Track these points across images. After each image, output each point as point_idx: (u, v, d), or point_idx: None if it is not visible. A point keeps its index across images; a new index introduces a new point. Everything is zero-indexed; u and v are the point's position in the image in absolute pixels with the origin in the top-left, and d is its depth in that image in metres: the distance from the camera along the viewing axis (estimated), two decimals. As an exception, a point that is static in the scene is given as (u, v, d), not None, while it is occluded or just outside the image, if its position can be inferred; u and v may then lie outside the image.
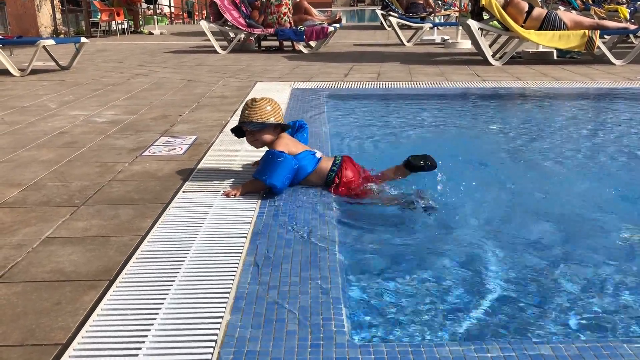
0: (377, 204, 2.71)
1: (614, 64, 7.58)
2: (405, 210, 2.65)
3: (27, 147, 3.63)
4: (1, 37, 8.13)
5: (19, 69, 7.27)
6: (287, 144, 2.73)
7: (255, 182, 2.65)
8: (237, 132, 2.90)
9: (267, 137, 2.76)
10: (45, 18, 14.79)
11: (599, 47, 7.43)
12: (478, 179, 3.22)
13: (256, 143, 2.80)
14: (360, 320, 1.80)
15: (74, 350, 1.49)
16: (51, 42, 7.49)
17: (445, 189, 2.78)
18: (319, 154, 2.80)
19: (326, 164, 2.76)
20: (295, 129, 2.99)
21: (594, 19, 8.70)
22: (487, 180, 3.18)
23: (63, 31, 15.51)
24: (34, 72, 7.38)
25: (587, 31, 7.33)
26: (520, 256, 2.26)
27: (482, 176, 3.27)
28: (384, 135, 4.29)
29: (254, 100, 2.78)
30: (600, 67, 7.46)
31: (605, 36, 7.67)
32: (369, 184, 2.77)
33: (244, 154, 3.32)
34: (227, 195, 2.63)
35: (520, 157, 3.69)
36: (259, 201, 2.56)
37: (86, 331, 1.57)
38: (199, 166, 3.14)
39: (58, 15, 15.45)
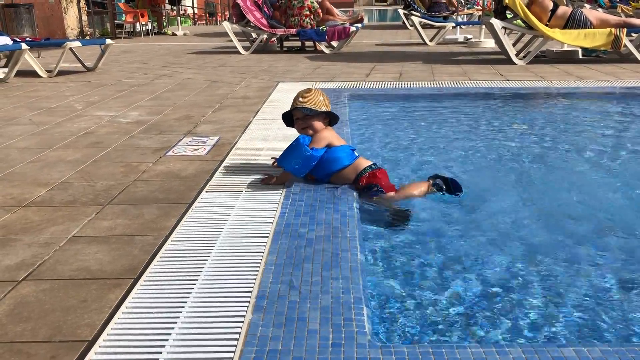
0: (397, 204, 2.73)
1: (642, 63, 7.44)
2: (427, 209, 2.66)
3: (54, 147, 3.71)
4: (29, 39, 8.29)
5: (46, 71, 7.41)
6: (332, 136, 2.85)
7: (284, 173, 2.80)
8: (288, 120, 2.98)
9: (317, 125, 2.85)
10: (71, 20, 15.05)
11: (625, 46, 7.30)
12: (504, 178, 3.20)
13: (306, 130, 2.87)
14: (382, 321, 1.80)
15: (99, 347, 1.52)
16: (77, 43, 7.62)
17: (473, 187, 2.77)
18: (356, 153, 2.88)
19: (365, 162, 2.82)
20: None
21: (620, 16, 8.55)
22: (513, 180, 3.15)
23: (89, 33, 15.76)
24: (61, 73, 7.52)
25: (613, 29, 7.20)
26: (548, 258, 2.23)
27: (508, 175, 3.24)
28: (406, 136, 4.27)
29: (307, 89, 2.93)
30: (627, 65, 7.33)
31: (632, 34, 7.54)
32: (389, 193, 2.75)
33: (265, 154, 3.34)
34: (266, 181, 2.82)
35: (545, 157, 3.65)
36: (281, 201, 2.58)
37: (111, 328, 1.60)
38: (222, 166, 3.17)
39: (84, 17, 15.70)
